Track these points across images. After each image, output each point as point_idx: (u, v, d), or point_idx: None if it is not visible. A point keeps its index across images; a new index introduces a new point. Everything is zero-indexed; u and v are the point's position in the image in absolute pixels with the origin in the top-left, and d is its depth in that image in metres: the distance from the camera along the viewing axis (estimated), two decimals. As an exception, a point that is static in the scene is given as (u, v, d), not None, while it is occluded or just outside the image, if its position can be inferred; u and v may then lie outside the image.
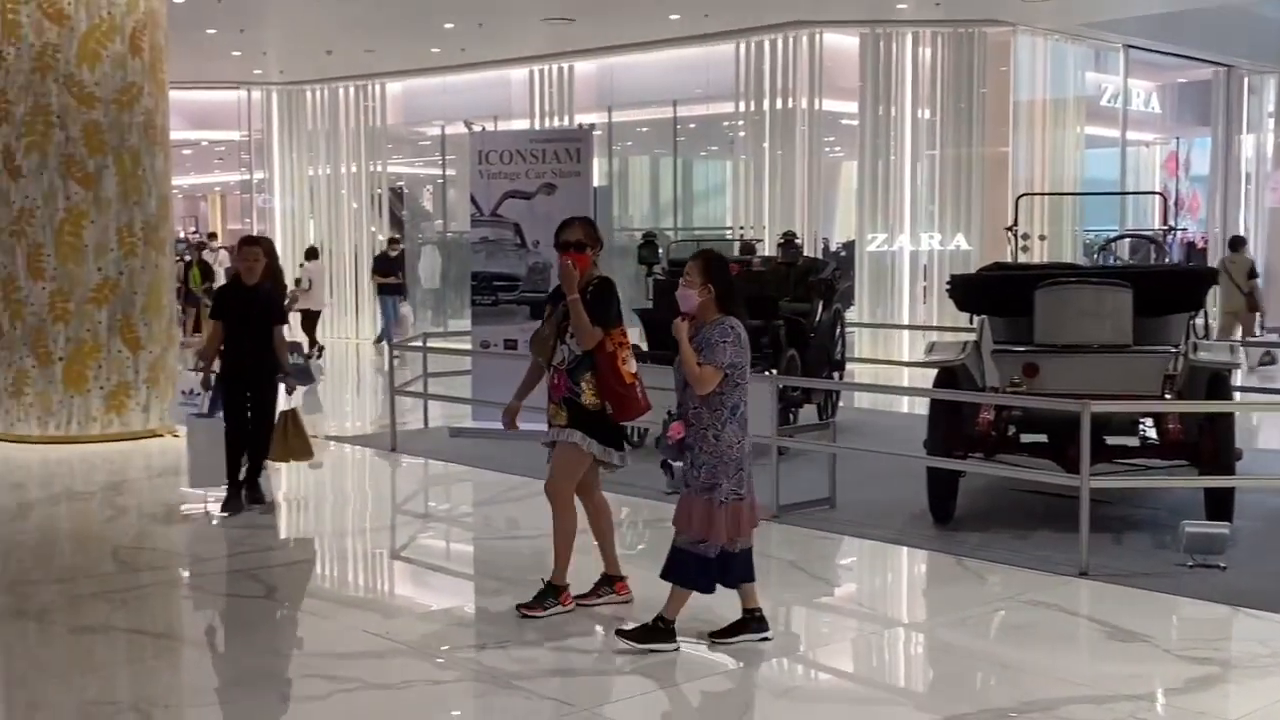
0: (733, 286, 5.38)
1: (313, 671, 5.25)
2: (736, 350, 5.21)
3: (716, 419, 5.24)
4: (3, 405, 10.78)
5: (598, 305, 5.72)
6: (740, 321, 5.32)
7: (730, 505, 5.26)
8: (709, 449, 5.25)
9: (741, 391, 5.28)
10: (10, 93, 10.46)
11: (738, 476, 5.27)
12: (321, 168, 22.26)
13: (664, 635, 5.33)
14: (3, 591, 6.68)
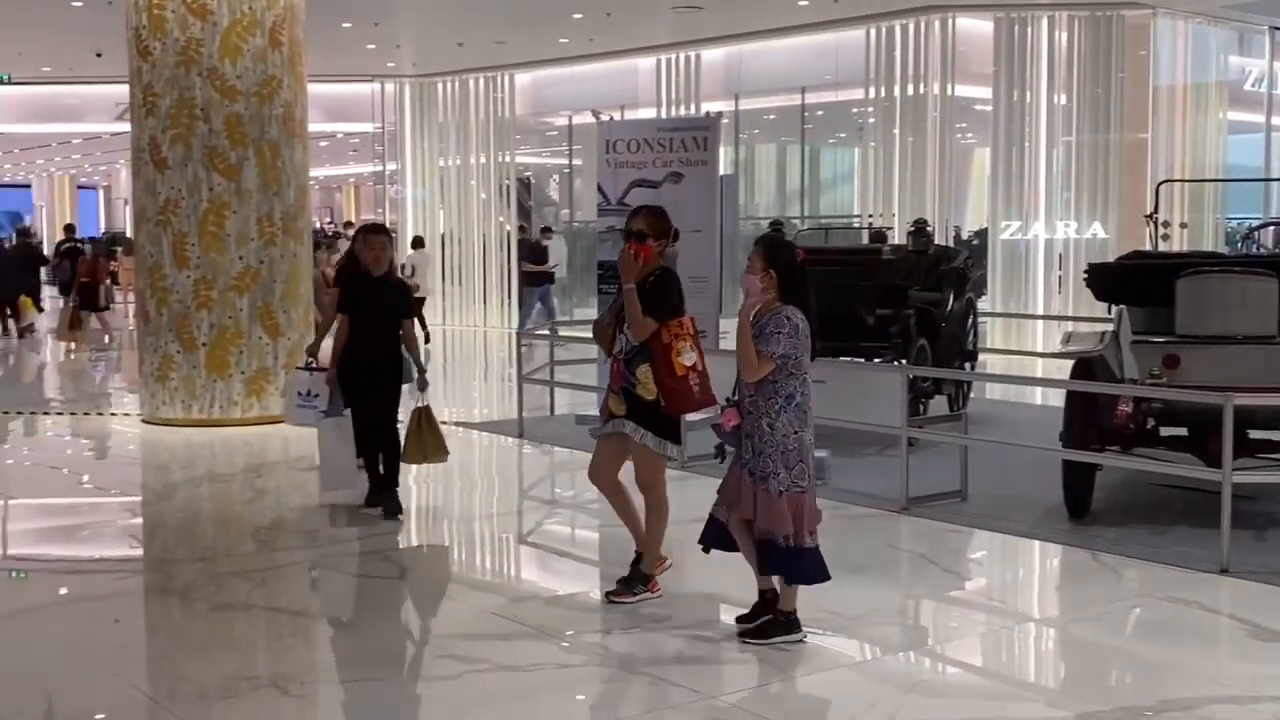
0: (797, 273, 5.25)
1: (444, 652, 5.35)
2: (791, 341, 5.14)
3: (770, 407, 5.19)
4: (149, 389, 11.16)
5: (654, 296, 5.70)
6: (803, 310, 5.23)
7: (791, 496, 5.20)
8: (764, 437, 5.21)
9: (798, 382, 5.21)
10: (157, 86, 10.80)
11: (798, 468, 5.21)
12: (451, 158, 22.58)
13: (788, 628, 5.30)
14: (149, 569, 6.95)
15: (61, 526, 8.06)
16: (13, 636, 5.69)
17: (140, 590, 6.56)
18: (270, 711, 4.69)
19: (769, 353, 5.13)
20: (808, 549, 5.24)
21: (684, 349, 5.62)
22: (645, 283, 5.72)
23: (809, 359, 5.26)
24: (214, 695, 4.83)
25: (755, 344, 5.16)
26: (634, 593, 5.88)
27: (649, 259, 5.73)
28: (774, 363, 5.14)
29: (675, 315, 5.70)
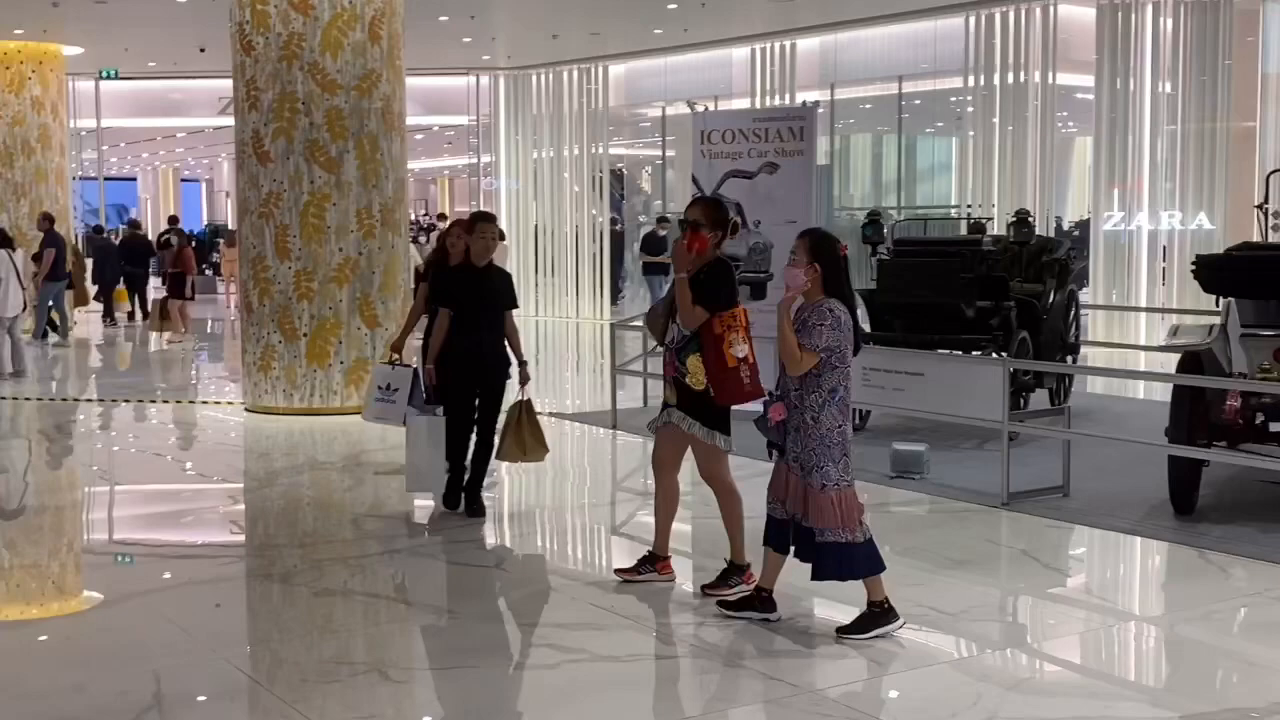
0: (840, 266, 5.25)
1: (542, 641, 5.38)
2: (834, 334, 5.13)
3: (815, 401, 5.18)
4: (251, 378, 11.38)
5: (707, 286, 5.67)
6: (845, 303, 5.21)
7: (842, 491, 5.19)
8: (809, 431, 5.19)
9: (840, 375, 5.19)
10: (260, 81, 10.99)
11: (844, 462, 5.21)
12: (545, 150, 22.69)
13: (884, 617, 5.27)
14: (252, 554, 7.08)
15: (166, 512, 8.25)
16: (120, 619, 5.83)
17: (243, 575, 6.69)
18: (369, 697, 4.75)
19: (811, 345, 5.14)
20: (858, 543, 5.21)
21: (735, 340, 5.60)
22: (699, 274, 5.71)
23: (852, 351, 5.25)
24: (314, 679, 4.90)
25: (797, 337, 5.15)
26: (729, 585, 5.87)
27: (703, 249, 5.71)
28: (818, 355, 5.13)
29: (728, 306, 5.68)
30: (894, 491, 8.16)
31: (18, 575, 6.78)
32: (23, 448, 10.77)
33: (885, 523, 7.82)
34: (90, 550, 7.37)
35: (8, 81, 19.09)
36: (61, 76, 19.85)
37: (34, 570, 6.87)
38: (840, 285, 5.24)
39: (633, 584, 6.00)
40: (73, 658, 5.29)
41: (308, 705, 4.59)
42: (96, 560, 7.09)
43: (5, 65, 19.09)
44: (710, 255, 5.77)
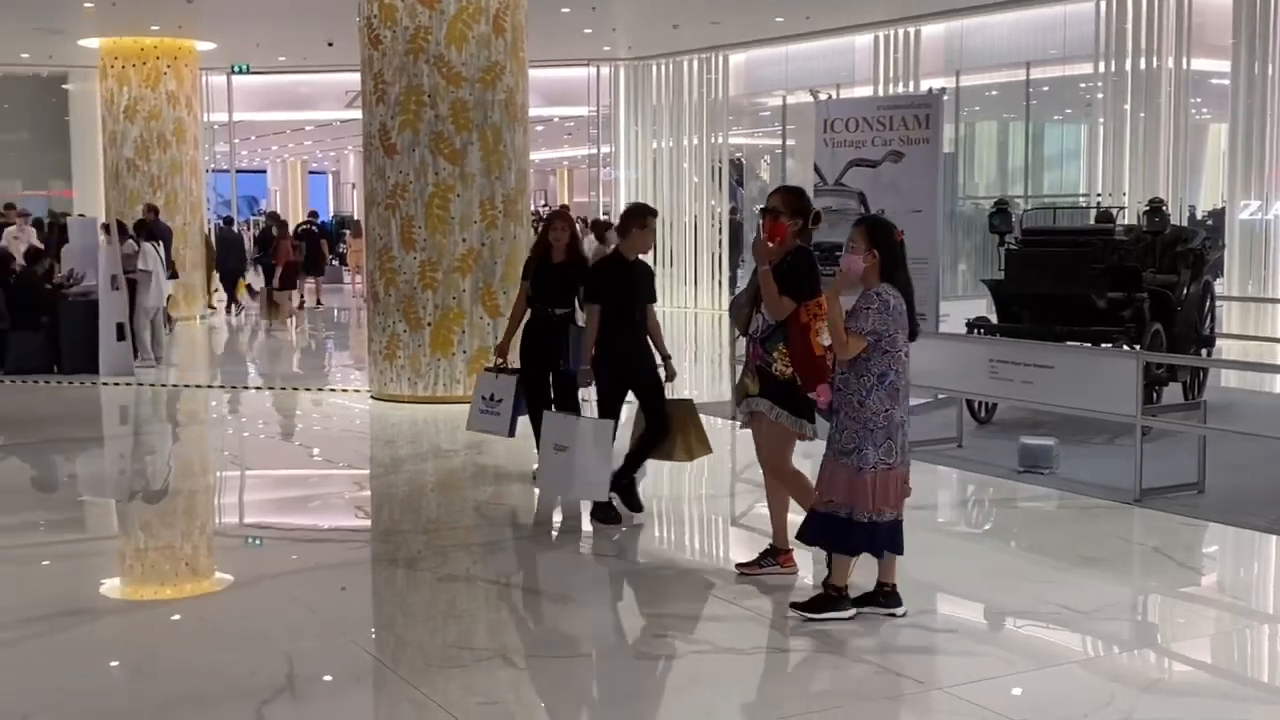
0: (897, 253, 5.26)
1: (665, 631, 5.37)
2: (881, 318, 5.14)
3: (862, 385, 5.20)
4: (377, 367, 11.57)
5: (791, 276, 5.63)
6: (900, 289, 5.21)
7: (879, 474, 5.20)
8: (853, 414, 5.22)
9: (891, 360, 5.20)
10: (387, 74, 11.15)
11: (886, 445, 5.21)
12: (664, 140, 22.69)
13: (836, 603, 5.31)
14: (377, 539, 7.20)
15: (295, 497, 8.44)
16: (250, 601, 5.97)
17: (368, 560, 6.80)
18: (491, 682, 4.79)
19: (858, 329, 5.15)
20: (886, 523, 5.27)
21: (823, 329, 5.57)
22: (783, 263, 5.68)
23: (905, 337, 5.24)
24: (438, 664, 4.96)
25: (846, 320, 5.18)
26: (762, 565, 5.94)
27: (782, 237, 5.67)
28: (865, 339, 5.15)
29: (813, 295, 5.65)
30: (1021, 487, 7.99)
31: (153, 557, 6.99)
32: (159, 433, 11.11)
33: (1011, 518, 7.68)
34: (222, 533, 7.56)
35: (144, 77, 19.68)
36: (195, 72, 20.41)
37: (168, 552, 7.07)
38: (895, 271, 5.26)
39: (754, 577, 5.96)
40: (205, 638, 5.43)
41: (431, 689, 4.65)
42: (228, 543, 7.28)
43: (142, 61, 19.68)
44: (792, 244, 5.74)
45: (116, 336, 13.27)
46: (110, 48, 19.72)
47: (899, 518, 5.35)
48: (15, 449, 10.05)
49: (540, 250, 7.83)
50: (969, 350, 9.07)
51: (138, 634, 5.52)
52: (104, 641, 5.39)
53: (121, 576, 6.65)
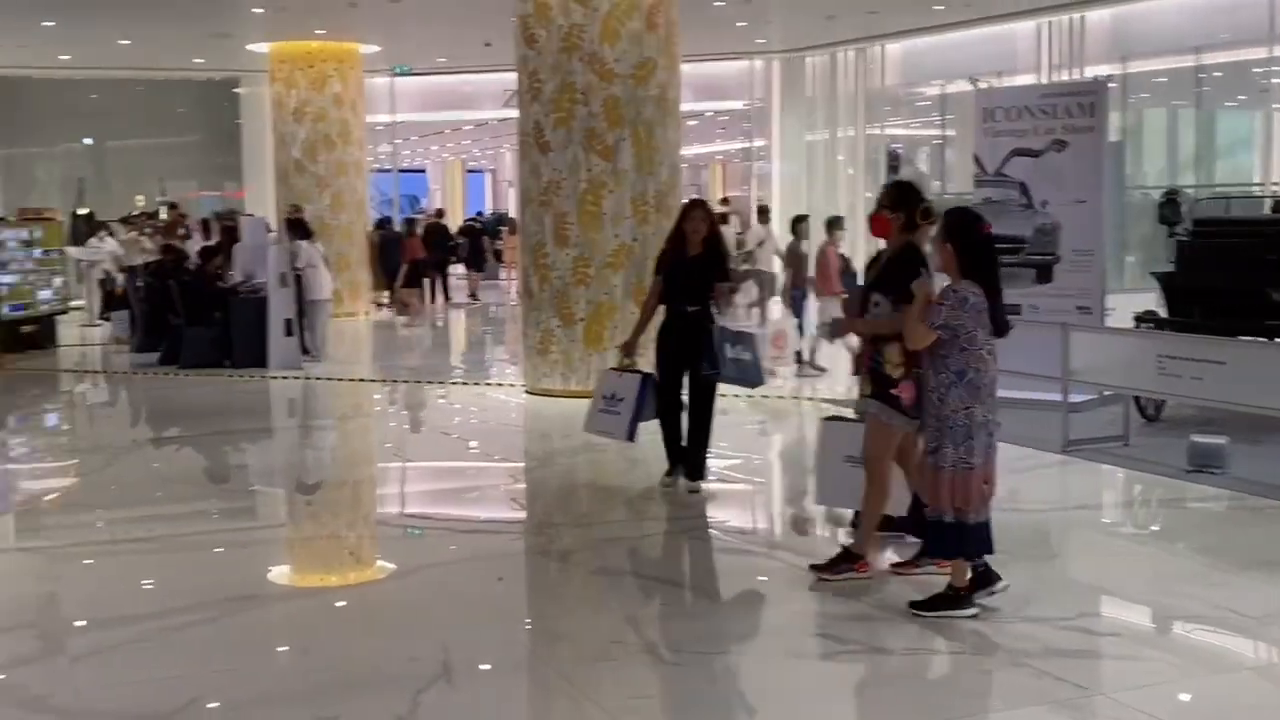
0: (978, 247, 5.17)
1: (815, 631, 5.32)
2: (954, 313, 5.08)
3: (941, 382, 5.17)
4: (531, 361, 11.73)
5: (895, 274, 5.52)
6: (984, 286, 5.06)
7: (959, 473, 5.13)
8: (933, 412, 5.19)
9: (970, 357, 5.13)
10: (542, 72, 11.28)
11: (967, 445, 5.14)
12: (819, 133, 22.49)
13: (957, 603, 5.24)
14: (531, 532, 7.29)
15: (453, 489, 8.61)
16: (409, 590, 6.11)
17: (523, 551, 6.90)
18: (643, 677, 4.81)
19: (929, 322, 5.12)
20: (971, 525, 5.19)
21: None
22: (891, 262, 5.60)
23: (985, 335, 5.15)
24: (590, 657, 5.00)
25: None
26: (838, 570, 5.80)
27: (884, 232, 5.59)
28: (935, 333, 5.10)
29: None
30: (1191, 487, 7.70)
31: (319, 544, 7.21)
32: (324, 425, 11.45)
33: (1181, 519, 7.40)
34: (384, 523, 7.75)
35: (311, 80, 20.28)
36: (359, 74, 20.96)
37: (333, 540, 7.29)
38: (978, 267, 5.16)
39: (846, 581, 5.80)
40: (366, 625, 5.58)
41: (584, 682, 4.69)
42: (390, 532, 7.46)
43: (309, 65, 20.28)
44: (900, 240, 5.62)
45: (284, 332, 13.71)
46: (278, 52, 20.38)
47: (985, 519, 5.24)
48: (189, 440, 10.48)
49: (675, 243, 7.51)
50: (1137, 345, 8.77)
51: (303, 619, 5.70)
52: (271, 626, 5.58)
53: (289, 564, 6.87)
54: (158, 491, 8.33)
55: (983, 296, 5.13)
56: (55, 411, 12.49)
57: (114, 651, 5.10)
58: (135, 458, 9.59)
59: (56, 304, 16.37)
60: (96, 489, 8.51)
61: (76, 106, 25.34)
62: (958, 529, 5.19)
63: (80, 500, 8.31)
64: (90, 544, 6.89)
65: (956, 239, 5.17)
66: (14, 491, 8.78)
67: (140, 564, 6.49)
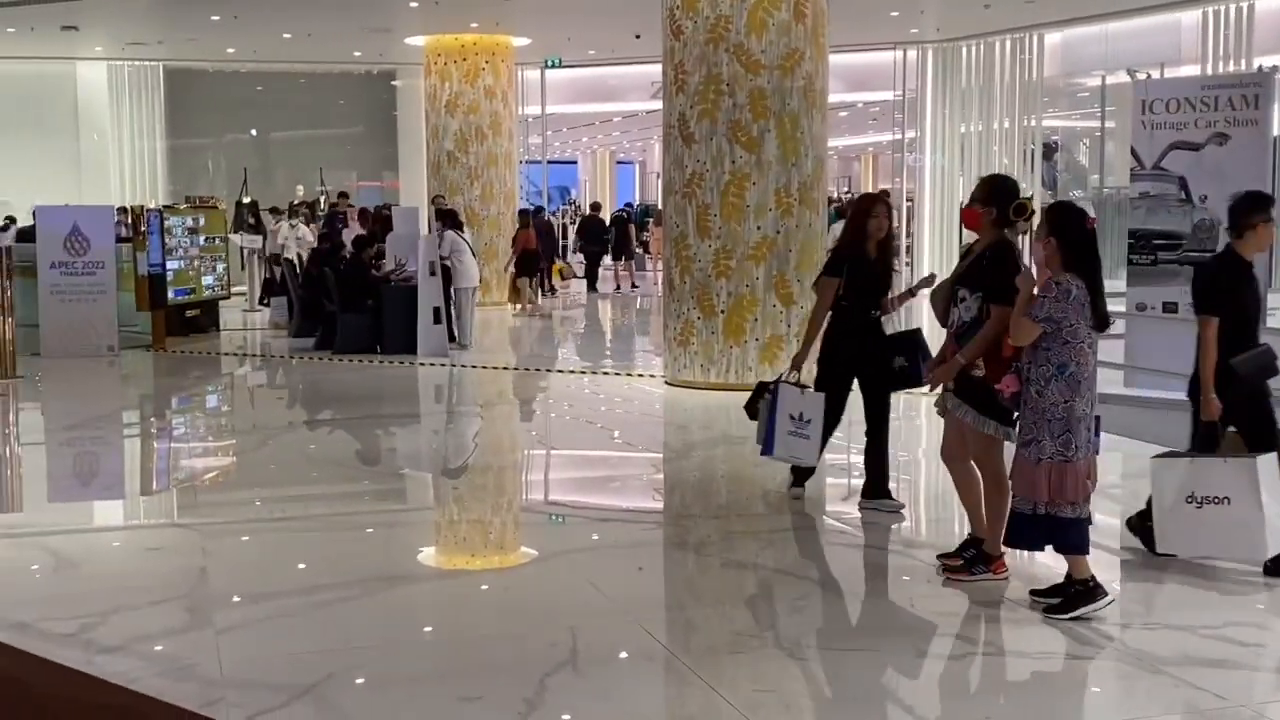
0: (1082, 243, 5.17)
1: (949, 631, 5.25)
2: (1058, 306, 5.08)
3: (1042, 375, 5.18)
4: (671, 353, 11.78)
5: (986, 271, 5.47)
6: (1086, 280, 5.11)
7: (1055, 465, 5.14)
8: (1032, 404, 5.22)
9: (1073, 351, 5.14)
10: (687, 64, 11.31)
11: (1064, 437, 5.15)
12: (973, 124, 22.06)
13: (1090, 596, 5.22)
14: (668, 523, 7.34)
15: (595, 477, 8.72)
16: (550, 576, 6.22)
17: (660, 542, 6.95)
18: (776, 672, 4.81)
19: (1032, 315, 5.14)
20: (1067, 519, 5.18)
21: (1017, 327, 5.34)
22: (981, 258, 5.54)
23: (1087, 329, 5.14)
24: (723, 650, 5.02)
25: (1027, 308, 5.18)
26: (973, 573, 5.69)
27: (974, 224, 5.54)
28: (1038, 326, 5.11)
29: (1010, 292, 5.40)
30: None
31: (464, 529, 7.38)
32: (470, 412, 11.69)
33: None
34: (527, 509, 7.90)
35: (465, 73, 20.66)
36: (511, 66, 21.27)
37: (478, 525, 7.45)
38: (1080, 261, 5.17)
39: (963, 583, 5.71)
40: (505, 608, 5.69)
41: (716, 675, 4.71)
42: (532, 518, 7.60)
43: (462, 57, 20.67)
44: (992, 235, 5.57)
45: (433, 319, 14.03)
46: (434, 45, 20.81)
47: (1081, 515, 5.22)
48: (342, 423, 10.80)
49: (856, 240, 6.97)
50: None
51: (446, 600, 5.84)
52: (414, 605, 5.74)
53: (434, 546, 7.04)
54: (311, 472, 8.61)
55: (1085, 289, 5.14)
56: (215, 393, 12.99)
57: (261, 625, 5.31)
58: (290, 439, 9.93)
59: (219, 289, 17.02)
60: (253, 468, 8.84)
61: (242, 99, 26.27)
62: (1048, 521, 5.21)
63: (237, 479, 8.65)
64: (245, 521, 7.17)
65: (1060, 234, 5.18)
66: (175, 469, 9.18)
67: (292, 541, 6.74)
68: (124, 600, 5.52)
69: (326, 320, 14.91)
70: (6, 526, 7.21)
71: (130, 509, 8.00)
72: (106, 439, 10.13)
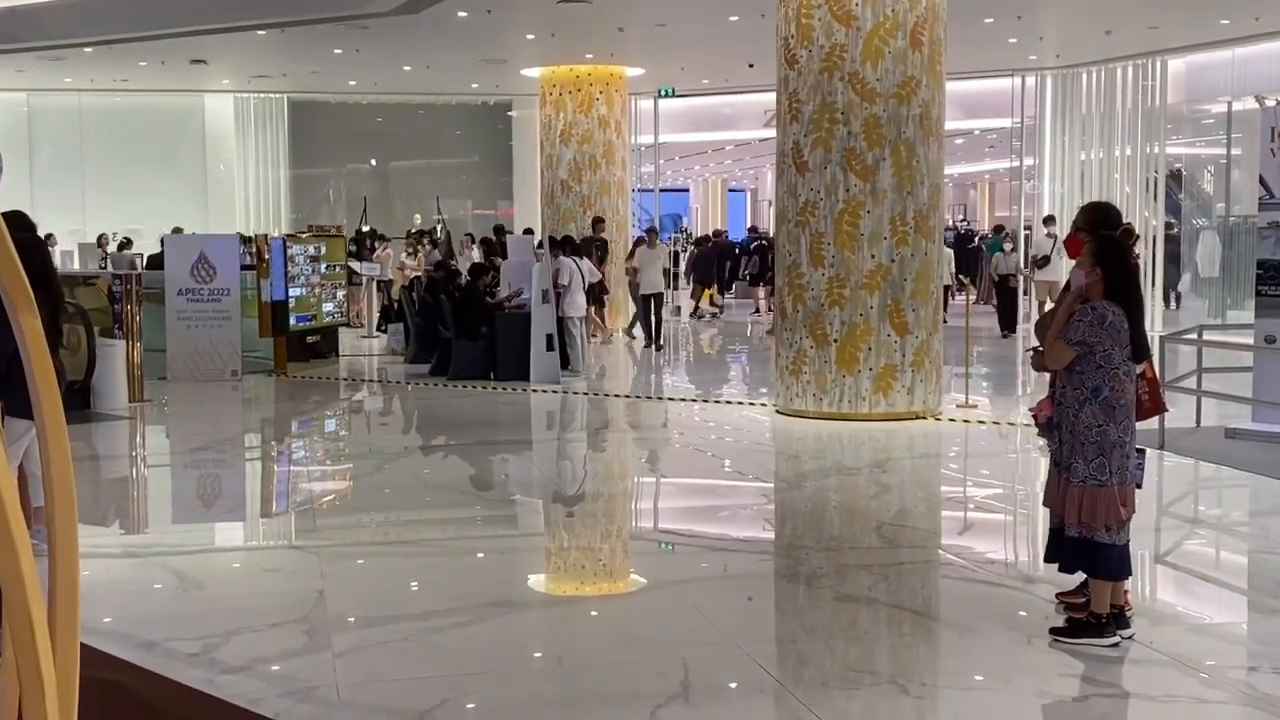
0: (1127, 277, 5.25)
1: (1068, 671, 5.12)
2: (1093, 330, 5.12)
3: (1076, 398, 5.22)
4: (783, 382, 11.72)
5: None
6: (1126, 311, 5.15)
7: (1088, 489, 5.17)
8: (1069, 427, 5.24)
9: (1106, 375, 5.16)
10: (801, 93, 11.28)
11: (1098, 461, 5.17)
12: (1094, 151, 21.66)
13: (1095, 630, 5.24)
14: (779, 553, 7.29)
15: (705, 506, 8.69)
16: (660, 605, 6.20)
17: (770, 573, 6.91)
18: (887, 708, 4.74)
19: (1066, 338, 5.20)
20: (1101, 544, 5.21)
21: None
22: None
23: (1123, 355, 5.17)
24: (835, 685, 4.96)
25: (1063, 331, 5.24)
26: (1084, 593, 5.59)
27: (1079, 253, 5.44)
28: (1072, 349, 5.17)
29: None
30: None
31: (574, 555, 7.41)
32: (581, 439, 11.75)
33: None
34: (637, 536, 7.90)
35: (579, 103, 20.89)
36: (624, 96, 21.45)
37: (588, 552, 7.47)
38: (1121, 291, 5.22)
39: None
40: (614, 637, 5.70)
41: (829, 710, 4.65)
42: (642, 546, 7.60)
43: (577, 88, 20.90)
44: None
45: (546, 347, 14.15)
46: (549, 76, 21.08)
47: (1115, 541, 5.21)
48: (455, 449, 10.94)
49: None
50: None
51: (555, 628, 5.87)
52: (526, 632, 5.77)
53: (545, 572, 7.08)
54: (425, 497, 8.73)
55: (1122, 316, 5.17)
56: (333, 417, 13.25)
57: (377, 649, 5.38)
58: (405, 464, 10.08)
59: (338, 316, 17.38)
60: (368, 493, 8.99)
61: (362, 129, 26.88)
62: (1082, 544, 5.24)
63: (354, 503, 8.81)
64: (361, 545, 7.29)
65: (1108, 266, 5.22)
66: (294, 492, 9.37)
67: (406, 566, 6.83)
68: (245, 621, 5.64)
69: (442, 347, 15.13)
70: (133, 547, 7.43)
71: (251, 531, 8.19)
72: (229, 462, 10.39)
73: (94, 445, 10.75)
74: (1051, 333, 5.32)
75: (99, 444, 10.88)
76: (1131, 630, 5.33)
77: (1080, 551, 5.28)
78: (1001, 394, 14.14)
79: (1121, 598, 5.36)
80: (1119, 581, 5.32)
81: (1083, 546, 5.26)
